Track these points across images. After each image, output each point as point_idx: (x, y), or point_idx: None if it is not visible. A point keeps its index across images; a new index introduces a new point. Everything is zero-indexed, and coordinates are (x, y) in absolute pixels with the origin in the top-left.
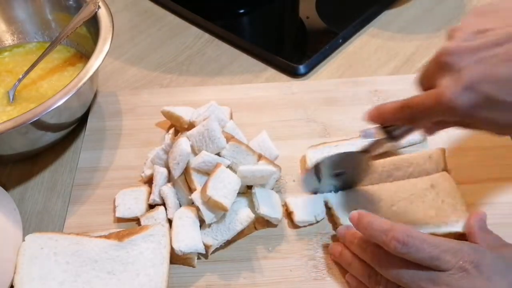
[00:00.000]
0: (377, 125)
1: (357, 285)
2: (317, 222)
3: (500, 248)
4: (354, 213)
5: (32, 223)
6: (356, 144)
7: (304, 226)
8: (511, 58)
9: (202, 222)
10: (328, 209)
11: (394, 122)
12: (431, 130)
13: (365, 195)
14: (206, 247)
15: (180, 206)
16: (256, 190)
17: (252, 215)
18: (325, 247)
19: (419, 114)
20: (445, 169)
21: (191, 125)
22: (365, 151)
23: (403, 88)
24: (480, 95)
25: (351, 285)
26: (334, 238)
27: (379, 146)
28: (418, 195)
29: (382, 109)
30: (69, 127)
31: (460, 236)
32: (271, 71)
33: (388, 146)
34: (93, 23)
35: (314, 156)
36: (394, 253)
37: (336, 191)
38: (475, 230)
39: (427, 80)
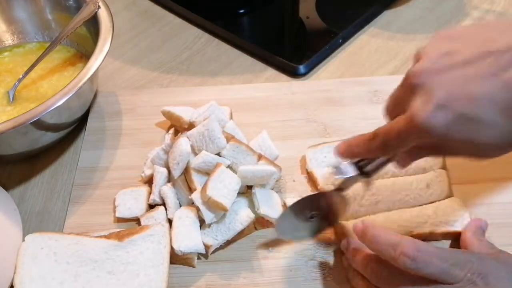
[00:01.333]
0: (349, 161)
1: None
2: None
3: (493, 255)
4: (358, 224)
5: (32, 223)
6: None
7: None
8: (482, 76)
9: (202, 222)
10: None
11: (366, 156)
12: (405, 160)
13: (363, 194)
14: (206, 247)
15: (180, 206)
16: (256, 190)
17: (252, 215)
18: (325, 247)
19: (392, 141)
20: (444, 166)
21: (191, 125)
22: (339, 189)
23: None
24: (454, 114)
25: None
26: (338, 250)
27: (353, 183)
28: (414, 194)
29: (351, 142)
30: (69, 127)
31: (459, 235)
32: (271, 71)
33: (362, 182)
34: (93, 23)
35: (314, 156)
36: (402, 269)
37: (312, 235)
38: (469, 237)
39: (396, 107)
